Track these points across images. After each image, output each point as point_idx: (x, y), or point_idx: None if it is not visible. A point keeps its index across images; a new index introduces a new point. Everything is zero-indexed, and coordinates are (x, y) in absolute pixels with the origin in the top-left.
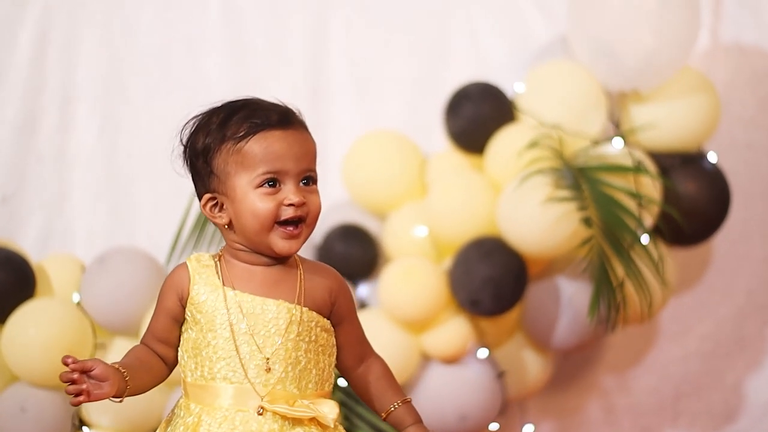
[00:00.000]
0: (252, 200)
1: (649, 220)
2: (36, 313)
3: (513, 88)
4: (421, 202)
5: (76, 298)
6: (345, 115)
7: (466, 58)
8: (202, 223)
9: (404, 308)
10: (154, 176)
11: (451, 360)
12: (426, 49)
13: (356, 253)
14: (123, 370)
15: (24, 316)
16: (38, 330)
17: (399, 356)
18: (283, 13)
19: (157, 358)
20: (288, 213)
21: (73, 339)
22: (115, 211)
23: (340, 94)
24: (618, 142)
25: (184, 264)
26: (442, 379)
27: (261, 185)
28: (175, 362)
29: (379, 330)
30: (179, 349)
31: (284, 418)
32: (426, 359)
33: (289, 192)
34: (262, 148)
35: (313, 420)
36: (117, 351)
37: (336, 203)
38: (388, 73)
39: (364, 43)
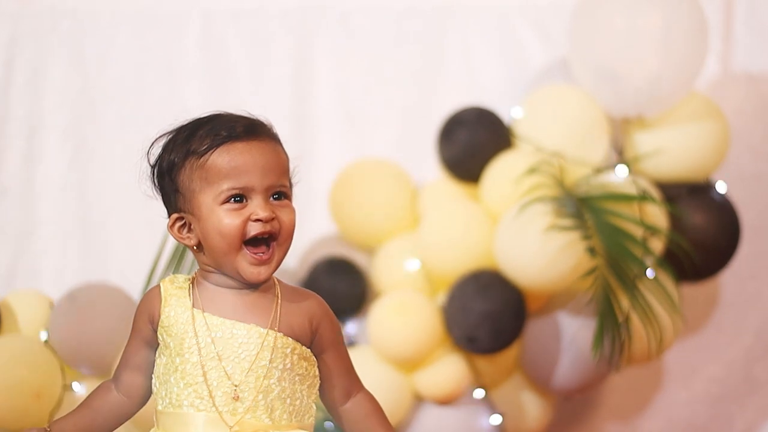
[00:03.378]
0: (217, 217)
1: (658, 248)
2: (1, 350)
3: (510, 113)
4: (412, 234)
5: (44, 336)
6: (332, 144)
7: (459, 83)
8: (178, 258)
9: (395, 346)
10: (127, 211)
11: (446, 401)
12: (417, 74)
13: (344, 288)
14: (48, 429)
15: None
16: (3, 369)
17: (390, 397)
18: (265, 37)
19: (115, 398)
20: (255, 228)
21: (41, 379)
22: (85, 247)
23: (327, 121)
24: (622, 170)
25: (158, 286)
26: (436, 422)
27: (226, 201)
28: (147, 393)
29: (369, 369)
30: (153, 376)
31: None
32: (419, 400)
33: (257, 207)
34: (226, 161)
35: None
36: (88, 392)
37: (323, 236)
38: (376, 100)
39: (351, 68)
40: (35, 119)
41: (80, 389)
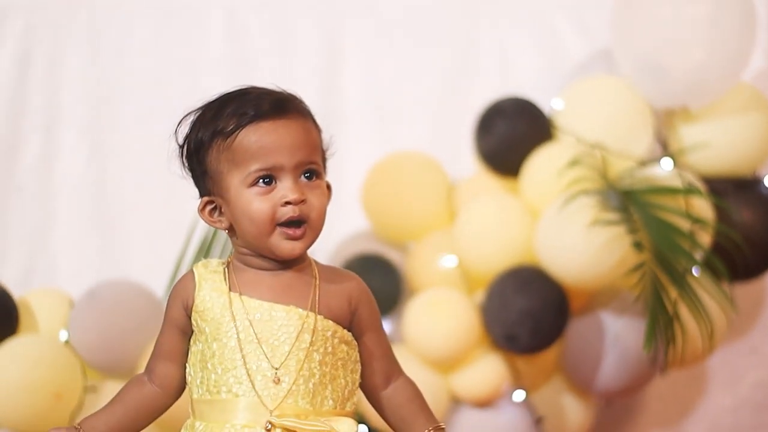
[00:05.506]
0: (246, 202)
1: (706, 243)
2: (19, 351)
3: (548, 104)
4: (449, 230)
5: (63, 335)
6: (362, 140)
7: (494, 75)
8: (204, 254)
9: (432, 345)
10: (148, 208)
11: (484, 403)
12: (450, 66)
13: (378, 286)
14: (77, 428)
15: (6, 354)
16: (22, 370)
17: (426, 398)
18: (291, 28)
19: (149, 390)
20: (286, 213)
21: (61, 380)
22: (104, 245)
23: (356, 116)
24: (666, 163)
25: (191, 271)
26: (473, 425)
27: (254, 184)
28: (181, 384)
29: (404, 369)
30: (187, 364)
31: None
32: (456, 402)
33: (286, 189)
34: (252, 142)
35: None
36: (109, 394)
37: (355, 232)
38: (408, 93)
39: (381, 61)
40: (52, 114)
41: (101, 391)
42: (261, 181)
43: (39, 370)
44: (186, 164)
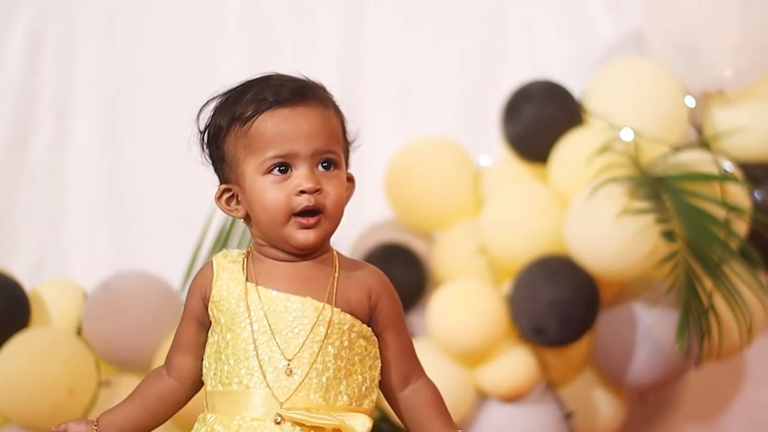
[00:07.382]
0: (260, 190)
1: (742, 231)
2: (31, 344)
3: (578, 88)
4: (475, 219)
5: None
6: (385, 125)
7: (522, 57)
8: (221, 246)
9: (457, 338)
10: (163, 197)
11: (512, 398)
12: (477, 50)
13: (402, 277)
14: (95, 424)
15: (17, 347)
16: (33, 364)
17: (451, 393)
18: (311, 11)
19: (167, 384)
20: (301, 202)
21: (74, 374)
22: (117, 237)
23: (379, 100)
24: (701, 149)
25: (210, 261)
26: (500, 420)
27: (269, 171)
28: (199, 377)
29: (429, 363)
30: (204, 357)
31: (303, 427)
32: (482, 397)
33: (301, 178)
34: (269, 128)
35: None
36: (124, 389)
37: (378, 221)
38: (433, 77)
39: (405, 43)
40: (64, 101)
41: (116, 386)
42: (276, 168)
43: (51, 365)
44: (206, 151)
